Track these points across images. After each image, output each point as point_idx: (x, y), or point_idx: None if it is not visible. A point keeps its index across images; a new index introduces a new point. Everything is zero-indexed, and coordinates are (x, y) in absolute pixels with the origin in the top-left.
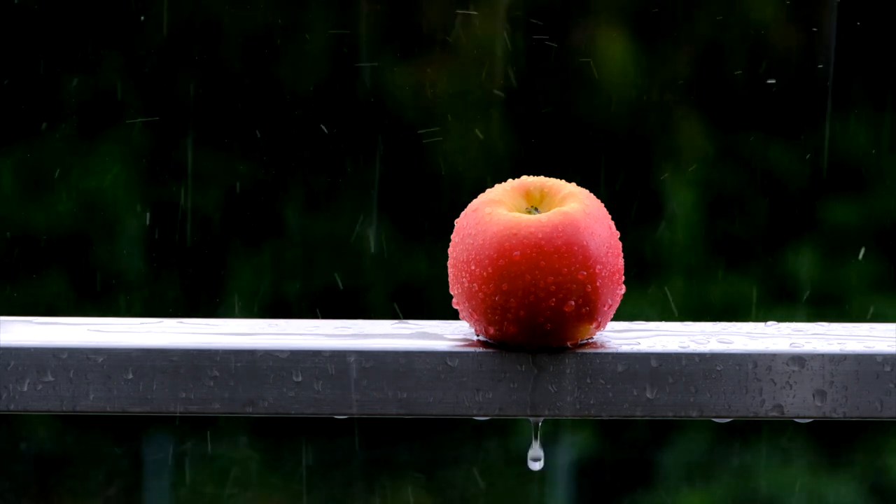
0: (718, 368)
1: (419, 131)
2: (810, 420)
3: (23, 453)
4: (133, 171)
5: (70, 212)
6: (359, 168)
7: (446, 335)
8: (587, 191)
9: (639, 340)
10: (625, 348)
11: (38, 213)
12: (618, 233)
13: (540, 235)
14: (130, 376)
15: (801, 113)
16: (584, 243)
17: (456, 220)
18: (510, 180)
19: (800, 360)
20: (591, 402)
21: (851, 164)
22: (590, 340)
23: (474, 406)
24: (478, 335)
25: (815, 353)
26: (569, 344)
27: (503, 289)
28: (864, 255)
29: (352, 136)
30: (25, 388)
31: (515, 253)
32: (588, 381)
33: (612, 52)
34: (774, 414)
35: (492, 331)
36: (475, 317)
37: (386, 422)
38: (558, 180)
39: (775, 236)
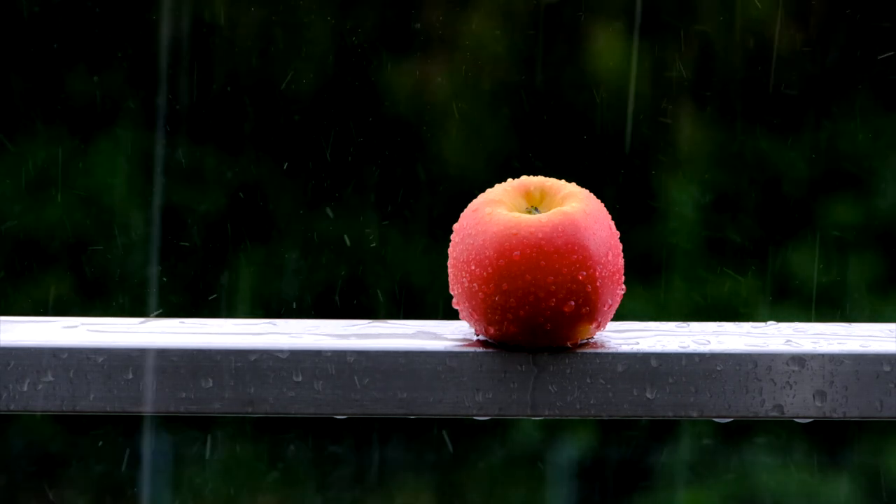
0: (718, 368)
1: (419, 130)
2: (810, 420)
3: (22, 453)
4: (134, 171)
5: (70, 212)
6: (359, 167)
7: (446, 335)
8: (587, 191)
9: (639, 340)
10: (625, 348)
11: (39, 214)
12: (618, 233)
13: (540, 235)
14: (130, 376)
15: (802, 112)
16: (584, 243)
17: (456, 221)
18: (510, 180)
19: (800, 360)
20: (591, 402)
21: (851, 164)
22: (590, 340)
23: (474, 406)
24: (478, 335)
25: (815, 353)
26: (569, 344)
27: (503, 289)
28: (863, 255)
29: (352, 136)
30: (25, 388)
31: (515, 253)
32: (588, 381)
33: (611, 50)
34: (774, 414)
35: (492, 331)
36: (475, 317)
37: (386, 421)
38: (558, 180)
39: (775, 236)
